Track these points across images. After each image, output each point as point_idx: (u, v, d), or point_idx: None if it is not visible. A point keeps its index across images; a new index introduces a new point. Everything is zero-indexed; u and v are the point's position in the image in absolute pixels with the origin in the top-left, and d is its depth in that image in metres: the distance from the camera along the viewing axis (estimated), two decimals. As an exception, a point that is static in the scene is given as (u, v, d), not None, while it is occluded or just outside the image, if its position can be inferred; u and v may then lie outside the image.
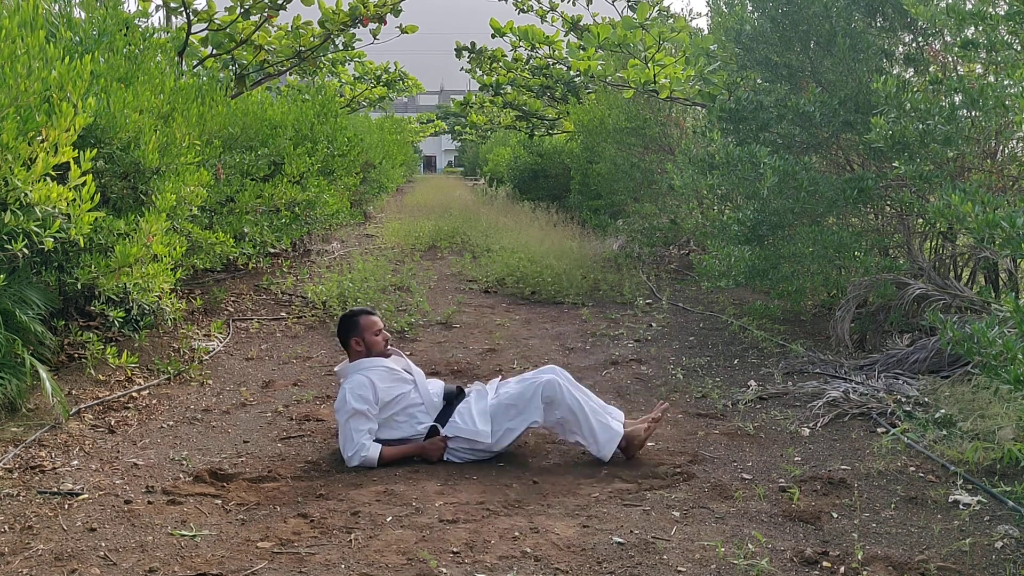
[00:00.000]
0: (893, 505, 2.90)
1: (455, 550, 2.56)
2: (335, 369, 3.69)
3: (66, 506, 2.86)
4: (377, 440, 3.39)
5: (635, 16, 6.49)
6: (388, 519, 2.80)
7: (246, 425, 3.87)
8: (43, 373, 3.49)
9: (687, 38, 6.69)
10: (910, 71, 5.41)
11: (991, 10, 3.92)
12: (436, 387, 3.60)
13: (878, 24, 5.30)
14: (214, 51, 6.84)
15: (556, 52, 11.66)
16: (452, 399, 3.53)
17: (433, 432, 3.44)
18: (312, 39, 7.42)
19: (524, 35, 10.72)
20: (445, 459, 3.41)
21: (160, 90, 4.46)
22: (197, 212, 4.89)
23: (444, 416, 3.46)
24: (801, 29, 5.31)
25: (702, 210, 7.73)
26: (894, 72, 5.30)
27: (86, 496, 2.94)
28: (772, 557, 2.50)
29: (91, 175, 3.22)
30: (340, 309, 6.05)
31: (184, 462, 3.34)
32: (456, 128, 30.02)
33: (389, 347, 3.64)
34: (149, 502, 2.92)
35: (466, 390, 3.61)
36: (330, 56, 11.06)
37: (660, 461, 3.39)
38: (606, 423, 3.38)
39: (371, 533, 2.68)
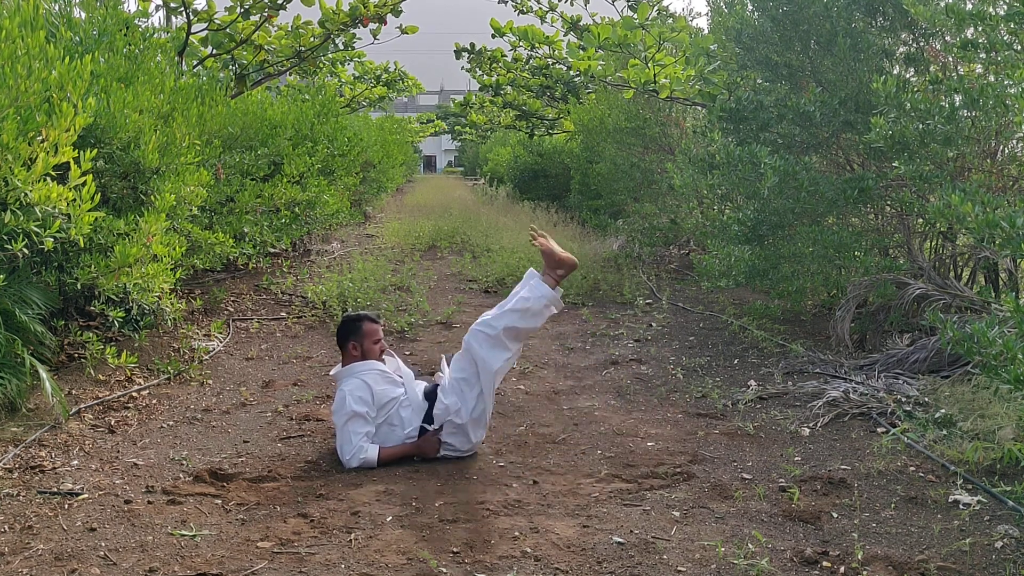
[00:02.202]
0: (893, 505, 2.90)
1: (455, 550, 2.56)
2: (331, 373, 3.69)
3: (66, 506, 2.86)
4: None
5: (635, 16, 6.48)
6: (388, 519, 2.80)
7: (246, 425, 3.87)
8: (43, 373, 3.49)
9: (687, 38, 6.69)
10: (910, 71, 5.41)
11: (991, 10, 3.92)
12: (420, 387, 3.60)
13: (878, 24, 5.30)
14: (214, 51, 6.84)
15: (556, 52, 11.66)
16: (432, 397, 3.53)
17: (423, 433, 3.45)
18: (312, 39, 7.42)
19: (524, 35, 10.73)
20: (441, 454, 3.42)
21: (160, 90, 4.46)
22: (197, 212, 4.89)
23: (428, 415, 3.47)
24: (801, 29, 5.31)
25: (702, 210, 7.73)
26: (894, 72, 5.30)
27: (86, 496, 2.94)
28: (772, 557, 2.50)
29: (91, 175, 3.22)
30: (340, 309, 6.05)
31: (184, 462, 3.34)
32: (456, 128, 30.04)
33: (384, 356, 3.64)
34: (149, 502, 2.92)
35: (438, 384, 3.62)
36: (330, 56, 11.07)
37: (660, 461, 3.39)
38: (526, 295, 3.40)
39: (371, 533, 2.69)
